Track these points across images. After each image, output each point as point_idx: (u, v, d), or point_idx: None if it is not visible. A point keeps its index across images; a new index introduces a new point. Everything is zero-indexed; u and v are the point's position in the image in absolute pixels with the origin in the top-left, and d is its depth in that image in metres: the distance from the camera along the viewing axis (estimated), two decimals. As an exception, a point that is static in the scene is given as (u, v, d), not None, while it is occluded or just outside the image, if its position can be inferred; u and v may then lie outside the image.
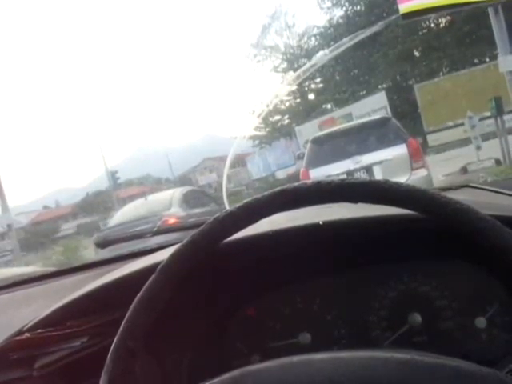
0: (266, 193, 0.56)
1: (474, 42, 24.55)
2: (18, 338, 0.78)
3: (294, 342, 0.89)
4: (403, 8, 8.07)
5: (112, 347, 0.54)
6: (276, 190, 0.56)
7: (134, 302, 0.56)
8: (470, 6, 8.35)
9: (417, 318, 0.85)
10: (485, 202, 0.92)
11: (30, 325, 0.80)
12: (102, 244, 1.46)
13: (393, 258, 0.87)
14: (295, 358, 0.47)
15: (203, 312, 0.89)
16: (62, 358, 0.79)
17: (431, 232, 0.69)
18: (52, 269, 1.48)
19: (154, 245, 1.31)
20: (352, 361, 0.46)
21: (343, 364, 0.45)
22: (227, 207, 0.60)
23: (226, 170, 10.68)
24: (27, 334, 0.77)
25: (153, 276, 0.56)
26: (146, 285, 0.56)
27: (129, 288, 0.62)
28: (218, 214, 0.57)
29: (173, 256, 0.56)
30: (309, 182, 0.55)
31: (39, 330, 0.78)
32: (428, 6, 7.97)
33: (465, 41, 25.56)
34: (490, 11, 8.35)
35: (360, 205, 0.55)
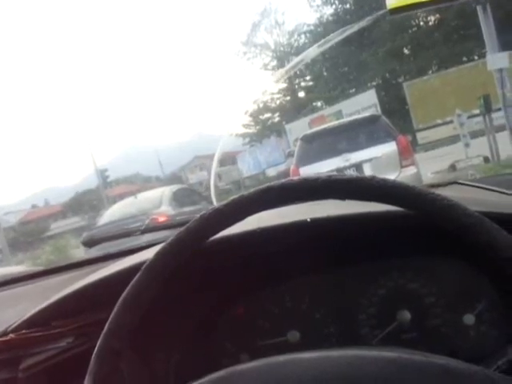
0: (252, 190, 0.55)
1: (463, 39, 24.71)
2: (2, 338, 0.77)
3: (283, 340, 0.88)
4: (390, 3, 8.09)
5: (96, 348, 0.54)
6: (262, 186, 0.55)
7: (118, 302, 0.55)
8: (456, 1, 8.38)
9: (406, 315, 0.85)
10: (473, 199, 0.92)
11: (14, 325, 0.79)
12: (90, 243, 1.44)
13: (381, 255, 0.86)
14: (282, 357, 0.47)
15: (191, 311, 0.88)
16: (48, 358, 0.78)
17: (419, 228, 0.69)
18: (38, 268, 1.46)
19: (142, 243, 1.31)
20: (339, 359, 0.45)
21: (331, 363, 0.45)
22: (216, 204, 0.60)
23: (213, 168, 10.66)
24: (12, 335, 0.76)
25: (137, 275, 0.56)
26: (131, 284, 0.55)
27: (115, 287, 0.61)
28: (203, 212, 0.56)
29: (158, 255, 0.56)
30: (295, 178, 0.54)
31: (24, 331, 0.77)
32: (415, 2, 8.00)
33: (454, 39, 25.71)
34: (479, 9, 8.39)
35: (348, 201, 0.55)
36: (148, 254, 0.76)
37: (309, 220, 0.76)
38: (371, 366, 0.43)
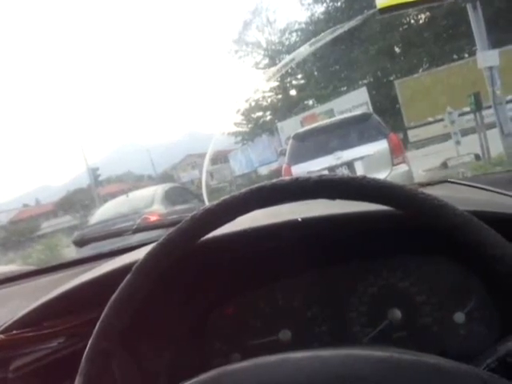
0: (243, 190, 0.55)
1: (453, 37, 24.78)
2: (-8, 339, 0.76)
3: (274, 339, 0.88)
4: (380, 2, 8.09)
5: (87, 349, 0.54)
6: (253, 186, 0.55)
7: (109, 303, 0.55)
8: (446, 0, 8.40)
9: (396, 313, 0.85)
10: (463, 198, 0.92)
11: (5, 326, 0.78)
12: (81, 242, 1.43)
13: (372, 254, 0.87)
14: (273, 357, 0.46)
15: (182, 310, 0.88)
16: (39, 359, 0.77)
17: (410, 227, 0.69)
18: (29, 268, 1.46)
19: (133, 243, 1.30)
20: (330, 359, 0.45)
21: (321, 362, 0.45)
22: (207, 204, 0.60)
23: (205, 167, 10.60)
24: (2, 336, 0.76)
25: (128, 276, 0.55)
26: (121, 285, 0.55)
27: (106, 287, 0.61)
28: (195, 212, 0.56)
29: (149, 255, 0.55)
30: (287, 178, 0.54)
31: (15, 331, 0.76)
32: (405, 1, 8.00)
33: (444, 37, 25.80)
34: (469, 7, 8.42)
35: (340, 201, 0.55)
36: (139, 254, 0.76)
37: (300, 219, 0.76)
38: (363, 366, 0.43)
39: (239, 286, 0.91)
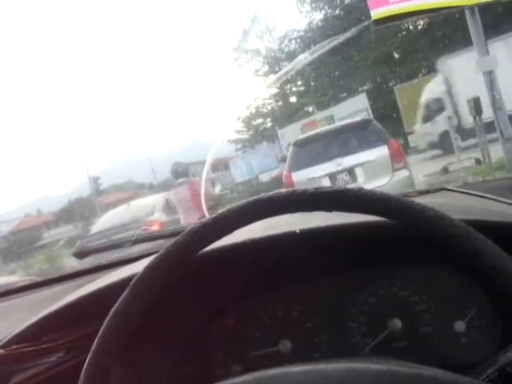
0: (240, 203, 0.55)
1: (452, 43, 24.83)
2: (-8, 354, 0.76)
3: (274, 350, 0.88)
4: (375, 14, 8.12)
5: (85, 364, 0.53)
6: (251, 199, 0.55)
7: (108, 318, 0.55)
8: (440, 11, 8.44)
9: (397, 323, 0.85)
10: (461, 206, 0.92)
11: (4, 341, 0.78)
12: (81, 255, 1.42)
13: (371, 264, 0.87)
14: (273, 371, 0.46)
15: (182, 323, 0.88)
16: (38, 373, 0.77)
17: (409, 237, 0.69)
18: (29, 279, 1.46)
19: (134, 253, 1.30)
20: (330, 373, 0.45)
21: (320, 376, 0.45)
22: (206, 214, 0.60)
23: (204, 175, 10.58)
24: (2, 351, 0.76)
25: (126, 290, 0.55)
26: (120, 299, 0.55)
27: (106, 300, 0.61)
28: (192, 225, 0.56)
29: (146, 269, 0.56)
30: (283, 191, 0.55)
31: (14, 346, 0.76)
32: (400, 12, 8.03)
33: (443, 42, 25.86)
34: (467, 13, 8.46)
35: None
36: (138, 267, 0.76)
37: (298, 231, 0.76)
38: (361, 380, 0.43)
39: (239, 298, 0.90)
